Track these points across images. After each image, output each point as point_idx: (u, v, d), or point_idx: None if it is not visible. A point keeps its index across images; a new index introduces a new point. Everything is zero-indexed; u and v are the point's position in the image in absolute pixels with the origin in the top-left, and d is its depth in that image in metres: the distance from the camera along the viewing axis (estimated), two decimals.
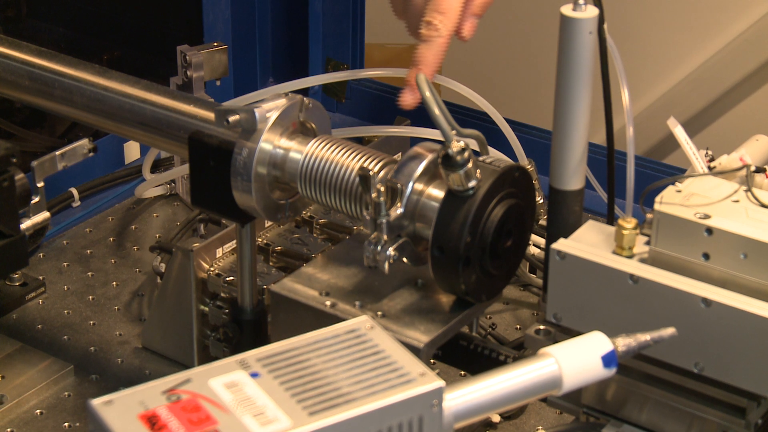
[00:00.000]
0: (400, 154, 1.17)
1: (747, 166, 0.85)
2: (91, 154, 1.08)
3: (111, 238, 1.26)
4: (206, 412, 0.63)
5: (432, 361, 0.93)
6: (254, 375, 0.65)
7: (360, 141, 1.19)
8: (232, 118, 0.90)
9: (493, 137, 1.15)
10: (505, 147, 1.20)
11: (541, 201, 1.15)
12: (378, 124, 1.22)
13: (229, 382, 0.65)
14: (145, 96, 0.99)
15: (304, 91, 1.24)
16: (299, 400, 0.64)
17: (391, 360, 0.66)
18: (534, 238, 1.14)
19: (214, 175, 0.93)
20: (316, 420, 0.62)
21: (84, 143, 1.07)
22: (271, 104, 0.92)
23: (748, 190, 0.81)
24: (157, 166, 1.34)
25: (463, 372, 1.01)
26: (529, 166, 1.15)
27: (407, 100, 0.93)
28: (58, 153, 1.07)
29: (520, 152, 1.21)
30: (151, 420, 0.62)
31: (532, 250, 1.14)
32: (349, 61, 1.51)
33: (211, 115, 0.94)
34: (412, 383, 0.65)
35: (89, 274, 1.21)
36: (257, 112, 0.91)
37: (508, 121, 1.21)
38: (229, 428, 0.62)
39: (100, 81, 1.00)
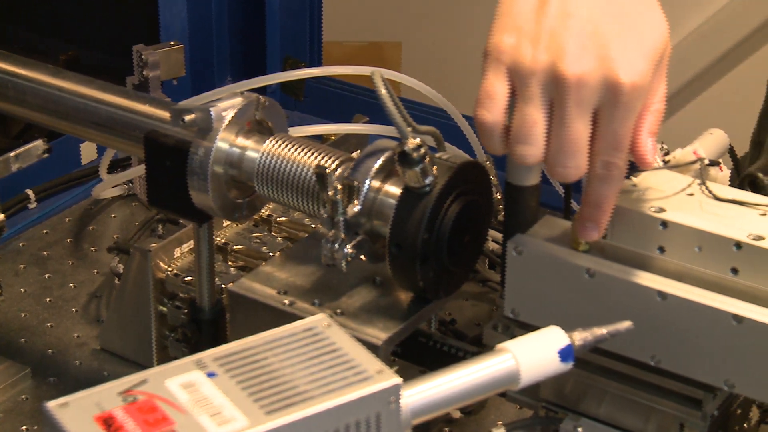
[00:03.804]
0: (358, 152, 1.17)
1: (701, 159, 0.86)
2: (45, 155, 1.08)
3: (68, 240, 1.25)
4: (163, 412, 0.63)
5: (392, 358, 0.93)
6: (211, 375, 0.65)
7: (319, 139, 1.19)
8: (187, 118, 0.90)
9: (452, 134, 1.16)
10: (464, 143, 1.20)
11: (500, 197, 1.15)
12: (336, 122, 1.22)
13: (186, 383, 0.65)
14: (100, 96, 0.98)
15: (263, 90, 1.23)
16: (256, 399, 0.63)
17: (348, 358, 0.66)
18: (493, 233, 1.14)
19: (171, 175, 0.92)
20: (273, 419, 0.62)
21: (38, 144, 1.07)
22: (227, 103, 0.92)
23: (702, 183, 0.82)
24: (115, 167, 1.33)
25: (422, 369, 1.01)
26: (487, 162, 1.15)
27: (595, 235, 0.79)
28: (12, 154, 1.06)
29: (479, 148, 1.21)
30: (107, 422, 0.62)
31: (492, 246, 1.15)
32: (307, 59, 1.51)
33: (167, 115, 0.93)
34: (369, 381, 0.65)
35: (46, 275, 1.20)
36: (213, 111, 0.90)
37: (466, 117, 1.22)
38: (185, 428, 0.62)
39: (55, 81, 0.99)
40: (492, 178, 1.07)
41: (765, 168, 1.22)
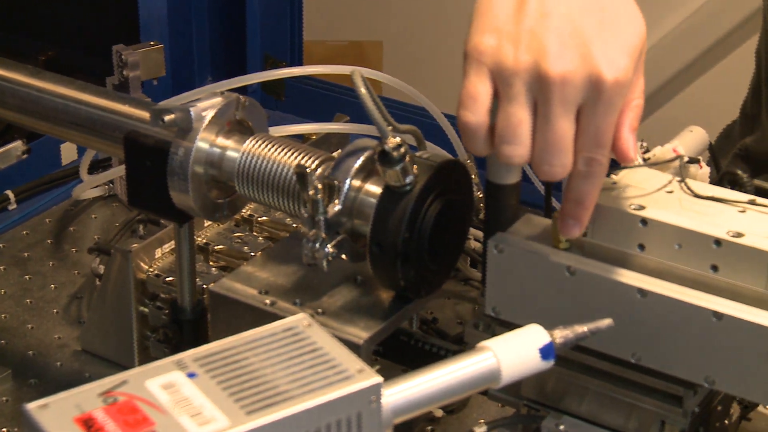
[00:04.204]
0: (339, 151, 1.17)
1: (680, 156, 0.86)
2: (25, 156, 1.07)
3: (49, 241, 1.25)
4: (143, 413, 0.62)
5: (374, 357, 0.93)
6: (191, 375, 0.65)
7: (300, 138, 1.19)
8: (167, 118, 0.90)
9: (433, 133, 1.16)
10: (445, 142, 1.20)
11: (481, 195, 1.15)
12: (317, 121, 1.22)
13: (166, 383, 0.64)
14: (79, 96, 0.98)
15: (243, 90, 1.23)
16: (237, 399, 0.63)
17: (328, 357, 0.66)
18: (474, 232, 1.14)
19: (151, 175, 0.92)
20: (254, 419, 0.62)
21: (17, 145, 1.07)
22: (207, 103, 0.92)
23: (682, 180, 0.82)
24: (95, 167, 1.33)
25: (404, 368, 1.01)
26: (468, 161, 1.15)
27: (576, 232, 0.79)
28: None
29: (460, 147, 1.21)
30: (87, 423, 0.62)
31: (473, 244, 1.15)
32: (287, 59, 1.51)
33: (146, 115, 0.93)
34: (349, 380, 0.65)
35: (27, 277, 1.19)
36: (193, 111, 0.90)
37: (447, 116, 1.22)
38: (166, 429, 0.62)
39: (34, 82, 0.99)
40: (473, 176, 1.07)
41: (760, 141, 1.22)
